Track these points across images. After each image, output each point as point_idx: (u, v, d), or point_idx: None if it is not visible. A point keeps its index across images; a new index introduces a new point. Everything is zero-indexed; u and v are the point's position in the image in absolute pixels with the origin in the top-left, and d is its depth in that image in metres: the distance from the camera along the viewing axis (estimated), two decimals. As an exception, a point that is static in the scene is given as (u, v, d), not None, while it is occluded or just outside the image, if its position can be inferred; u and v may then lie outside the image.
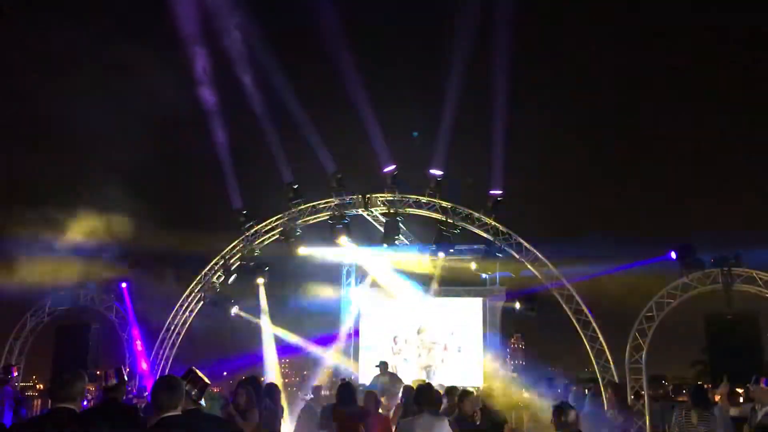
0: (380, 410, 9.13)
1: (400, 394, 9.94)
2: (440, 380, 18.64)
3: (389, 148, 15.19)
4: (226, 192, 16.27)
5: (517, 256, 14.53)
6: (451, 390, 8.86)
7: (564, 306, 14.26)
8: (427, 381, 8.58)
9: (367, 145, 15.06)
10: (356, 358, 19.46)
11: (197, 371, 5.34)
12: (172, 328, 16.40)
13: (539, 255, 14.45)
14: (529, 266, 14.45)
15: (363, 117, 15.14)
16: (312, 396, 11.92)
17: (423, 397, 6.43)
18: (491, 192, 14.60)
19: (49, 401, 4.56)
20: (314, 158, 15.58)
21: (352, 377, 15.65)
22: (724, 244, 13.77)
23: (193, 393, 4.84)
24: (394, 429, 7.59)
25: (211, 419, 5.01)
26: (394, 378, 12.43)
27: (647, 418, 13.53)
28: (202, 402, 4.99)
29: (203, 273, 16.38)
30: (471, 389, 9.01)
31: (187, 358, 16.32)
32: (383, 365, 12.89)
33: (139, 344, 16.18)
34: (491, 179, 14.80)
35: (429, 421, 6.13)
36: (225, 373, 15.22)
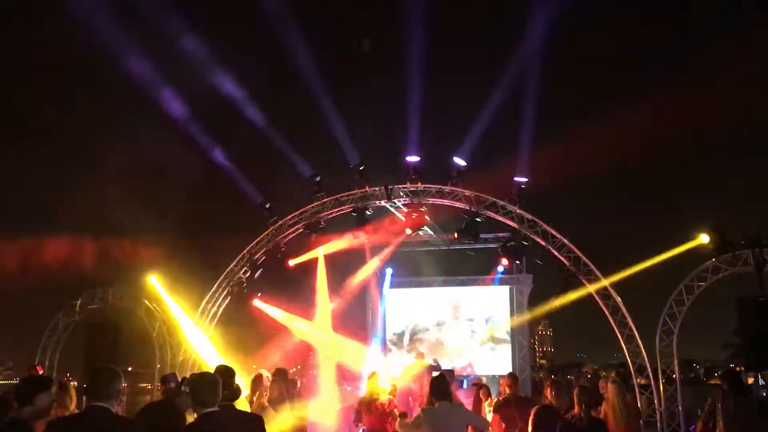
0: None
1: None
2: (469, 370, 18.68)
3: (413, 137, 15.11)
4: (249, 186, 16.35)
5: (543, 243, 14.40)
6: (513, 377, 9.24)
7: (592, 292, 14.11)
8: (440, 371, 8.74)
9: (389, 135, 15.02)
10: (383, 348, 19.56)
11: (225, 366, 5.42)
12: (200, 324, 16.54)
13: (566, 241, 14.30)
14: (555, 253, 14.31)
15: (385, 106, 15.10)
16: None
17: (438, 388, 6.66)
18: (516, 179, 14.46)
19: (84, 399, 4.59)
20: (336, 150, 15.56)
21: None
22: (756, 225, 13.54)
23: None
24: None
25: (245, 415, 5.13)
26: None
27: (679, 402, 13.41)
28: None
29: (230, 268, 16.49)
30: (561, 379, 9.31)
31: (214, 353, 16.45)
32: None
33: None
34: (517, 166, 14.69)
35: (448, 409, 6.47)
36: (254, 366, 15.30)
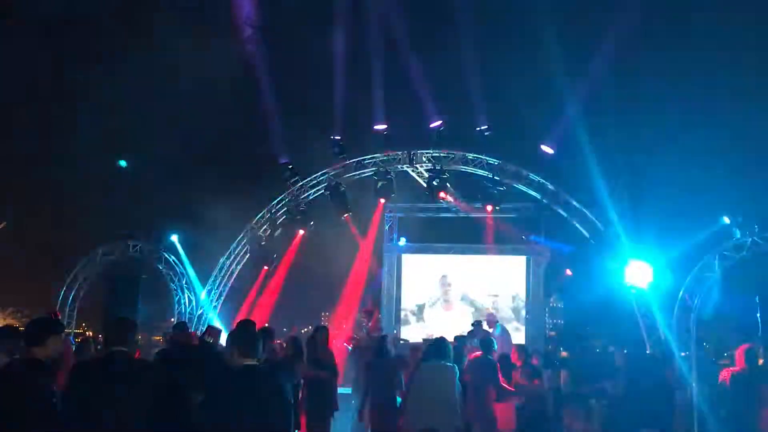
0: None
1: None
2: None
3: (436, 102, 14.92)
4: (272, 146, 16.30)
5: (564, 215, 14.30)
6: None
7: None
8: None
9: (414, 99, 14.80)
10: (397, 315, 19.58)
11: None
12: (218, 280, 16.69)
13: (588, 213, 14.20)
14: (576, 225, 14.22)
15: (410, 70, 14.87)
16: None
17: (439, 349, 7.36)
18: (542, 148, 14.27)
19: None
20: (361, 113, 15.43)
21: (392, 333, 15.75)
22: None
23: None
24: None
25: (282, 369, 5.25)
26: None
27: (693, 379, 13.35)
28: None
29: (249, 226, 16.55)
30: None
31: (233, 311, 16.63)
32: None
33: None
34: (541, 133, 14.49)
35: (440, 368, 7.18)
36: (285, 329, 15.55)
